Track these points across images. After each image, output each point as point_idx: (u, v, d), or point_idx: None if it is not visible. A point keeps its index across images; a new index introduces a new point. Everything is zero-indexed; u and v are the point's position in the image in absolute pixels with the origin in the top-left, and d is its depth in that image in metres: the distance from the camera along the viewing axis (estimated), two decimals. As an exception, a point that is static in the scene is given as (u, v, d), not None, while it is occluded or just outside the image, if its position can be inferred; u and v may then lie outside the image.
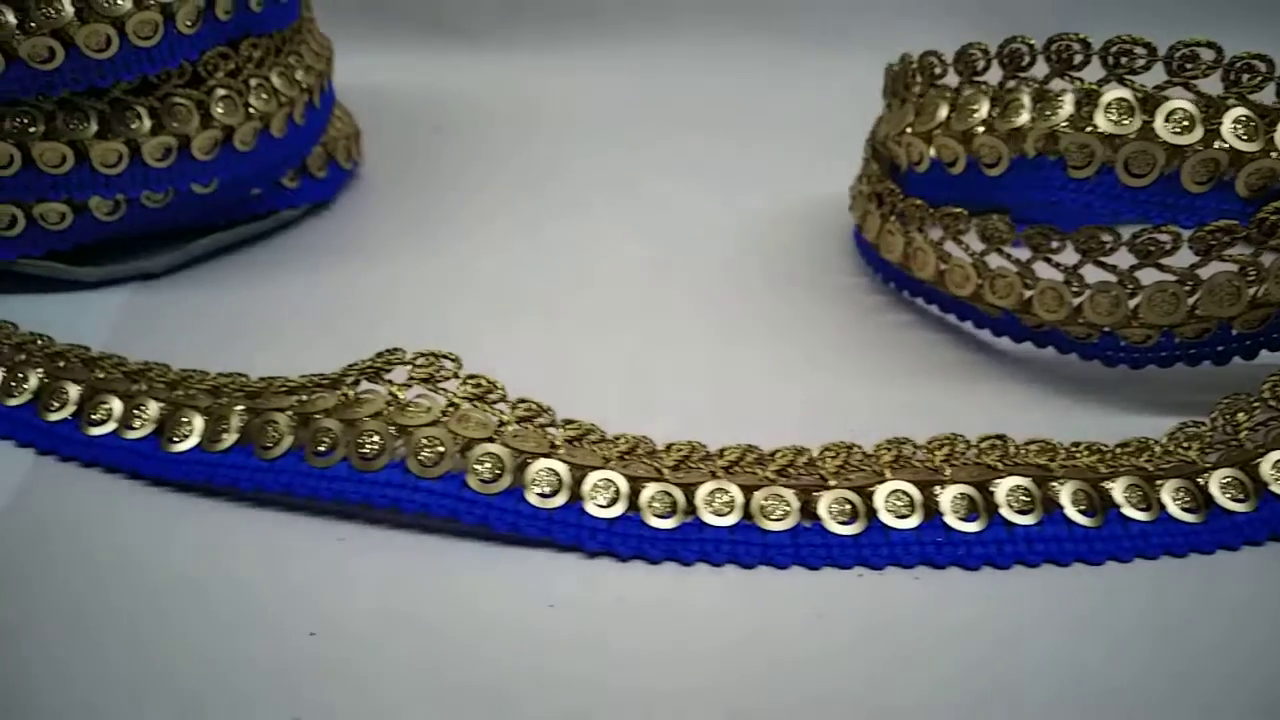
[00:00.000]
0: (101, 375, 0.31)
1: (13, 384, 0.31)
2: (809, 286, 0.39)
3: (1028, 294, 0.32)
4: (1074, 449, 0.28)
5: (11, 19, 0.32)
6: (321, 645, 0.24)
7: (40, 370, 0.31)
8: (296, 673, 0.24)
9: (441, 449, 0.27)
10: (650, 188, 0.46)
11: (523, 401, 0.29)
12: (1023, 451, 0.28)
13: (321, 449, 0.28)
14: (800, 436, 0.29)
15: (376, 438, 0.27)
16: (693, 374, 0.34)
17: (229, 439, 0.28)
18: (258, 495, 0.28)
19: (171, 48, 0.34)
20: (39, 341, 0.33)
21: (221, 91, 0.37)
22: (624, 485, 0.27)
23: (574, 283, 0.39)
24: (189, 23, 0.35)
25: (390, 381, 0.28)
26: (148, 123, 0.35)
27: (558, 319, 0.37)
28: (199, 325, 0.36)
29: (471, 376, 0.29)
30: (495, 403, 0.29)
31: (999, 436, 0.28)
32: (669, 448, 0.29)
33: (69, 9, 0.32)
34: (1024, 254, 0.32)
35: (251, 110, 0.37)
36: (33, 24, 0.32)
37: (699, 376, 0.34)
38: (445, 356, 0.29)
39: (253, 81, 0.37)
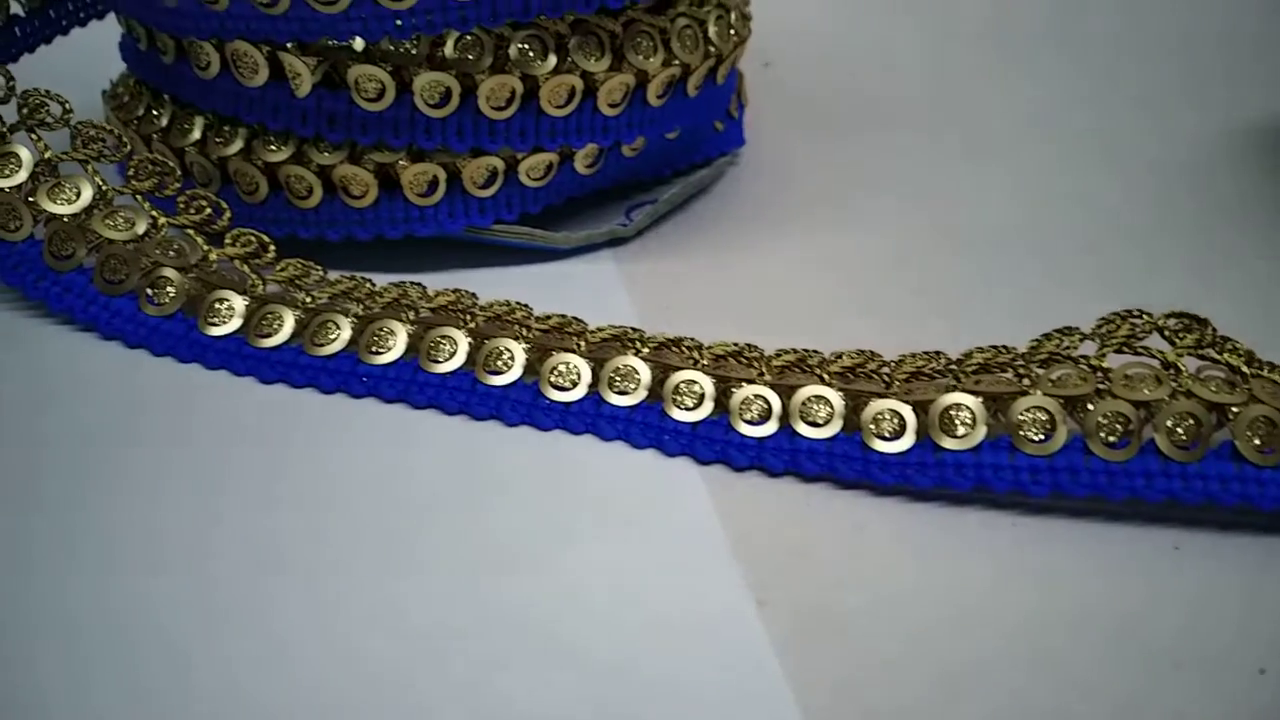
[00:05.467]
0: (703, 361, 0.25)
1: (616, 379, 0.25)
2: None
3: None
4: None
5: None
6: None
7: (647, 365, 0.25)
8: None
9: None
10: (1050, 119, 0.40)
11: (1273, 365, 0.24)
12: None
13: (1112, 439, 0.23)
14: None
15: (1191, 422, 0.22)
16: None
17: (977, 433, 0.23)
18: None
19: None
20: (571, 326, 0.27)
21: (716, 13, 0.30)
22: None
23: (1026, 225, 0.33)
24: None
25: (1158, 352, 0.23)
26: (660, 54, 0.29)
27: (1027, 270, 0.31)
28: (699, 292, 0.30)
29: (1225, 340, 0.24)
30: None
31: None
32: None
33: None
34: None
35: (734, 35, 0.31)
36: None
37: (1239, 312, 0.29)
38: (1193, 318, 0.24)
39: (731, 1, 0.31)
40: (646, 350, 0.26)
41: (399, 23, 0.25)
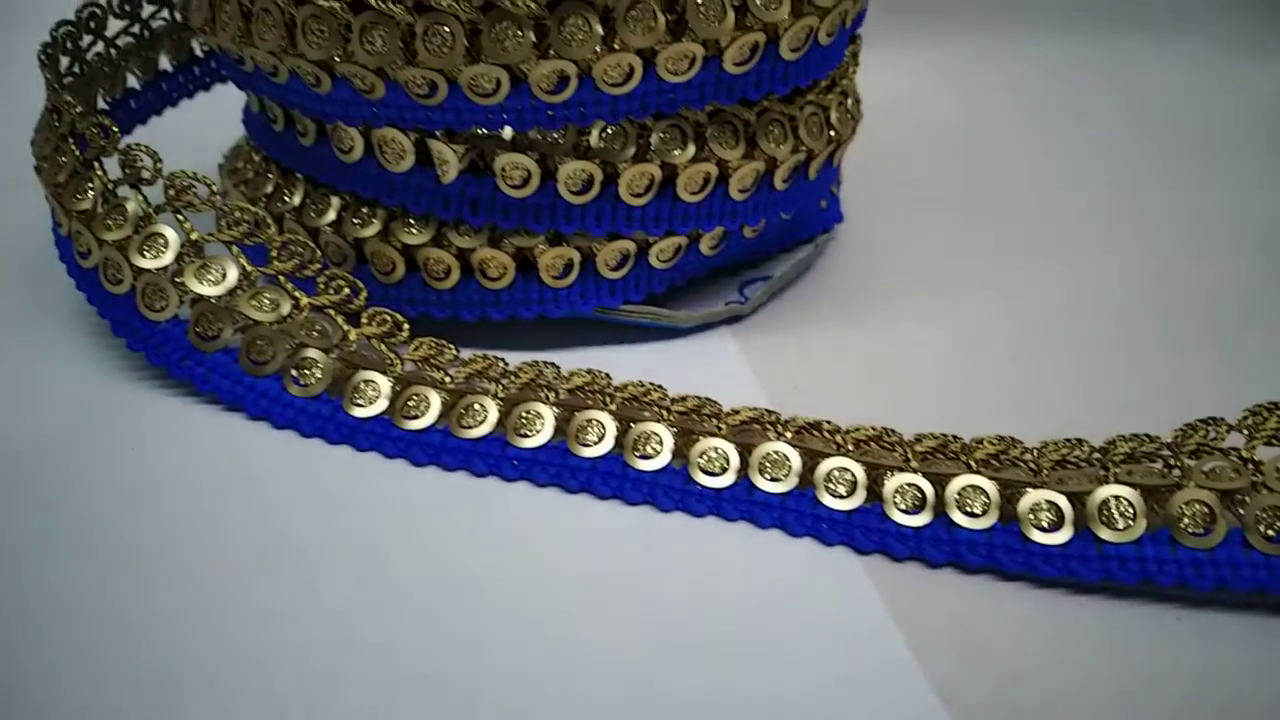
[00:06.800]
0: (841, 445, 0.25)
1: (766, 465, 0.25)
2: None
3: None
4: None
5: (731, 22, 0.26)
6: None
7: (795, 451, 0.25)
8: None
9: None
10: (1121, 185, 0.41)
11: None
12: None
13: (1271, 533, 0.23)
14: None
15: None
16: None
17: (1138, 526, 0.23)
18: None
19: (837, 49, 0.29)
20: (706, 407, 0.27)
21: (838, 100, 0.31)
22: None
23: (1135, 305, 0.34)
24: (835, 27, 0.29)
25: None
26: (789, 141, 0.29)
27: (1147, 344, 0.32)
28: (821, 370, 0.30)
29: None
30: None
31: None
32: None
33: (786, 8, 0.26)
34: None
35: (851, 119, 0.32)
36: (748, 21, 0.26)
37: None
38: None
39: (848, 86, 0.32)
40: (789, 434, 0.26)
41: (551, 114, 0.26)
